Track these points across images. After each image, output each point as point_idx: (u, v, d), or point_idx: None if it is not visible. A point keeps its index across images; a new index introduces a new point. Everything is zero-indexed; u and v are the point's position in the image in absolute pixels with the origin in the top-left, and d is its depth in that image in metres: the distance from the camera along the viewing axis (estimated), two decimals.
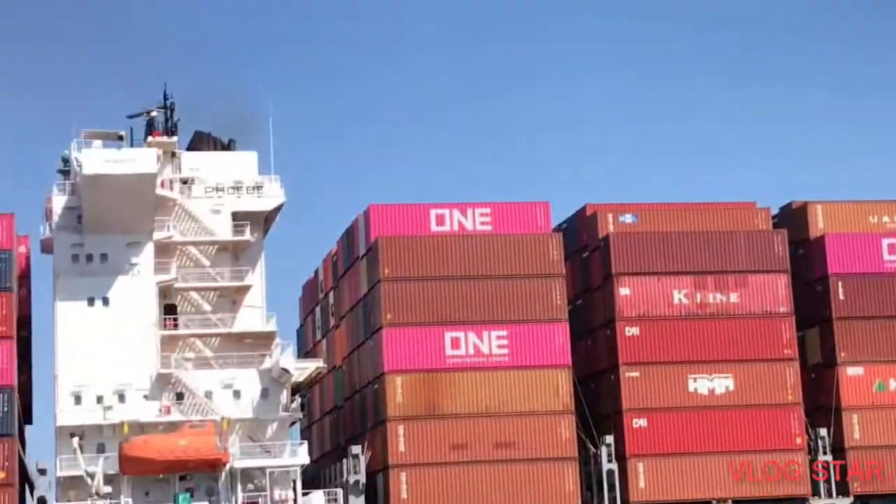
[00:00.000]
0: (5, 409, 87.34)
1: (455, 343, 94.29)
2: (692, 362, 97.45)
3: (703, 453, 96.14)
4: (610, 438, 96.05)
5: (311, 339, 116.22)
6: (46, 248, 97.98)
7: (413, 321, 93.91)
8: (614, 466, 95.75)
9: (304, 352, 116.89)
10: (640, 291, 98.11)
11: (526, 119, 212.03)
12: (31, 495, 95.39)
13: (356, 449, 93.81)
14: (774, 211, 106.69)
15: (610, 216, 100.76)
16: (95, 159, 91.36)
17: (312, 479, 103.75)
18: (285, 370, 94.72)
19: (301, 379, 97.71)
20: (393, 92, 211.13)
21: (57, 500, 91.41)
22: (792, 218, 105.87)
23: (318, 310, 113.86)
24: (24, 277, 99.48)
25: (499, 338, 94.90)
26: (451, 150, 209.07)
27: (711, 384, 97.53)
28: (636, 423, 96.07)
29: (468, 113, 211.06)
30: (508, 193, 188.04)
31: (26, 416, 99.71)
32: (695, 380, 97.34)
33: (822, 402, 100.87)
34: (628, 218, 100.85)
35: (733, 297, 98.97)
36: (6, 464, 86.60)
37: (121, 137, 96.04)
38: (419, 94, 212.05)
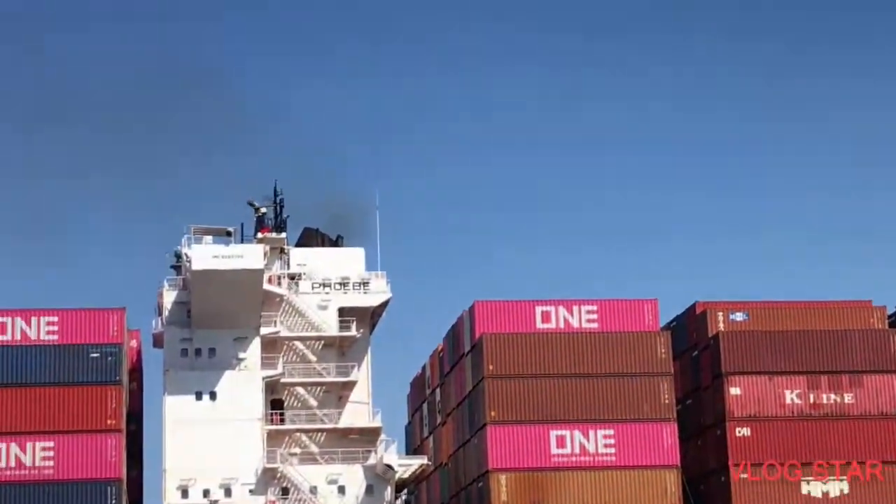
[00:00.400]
0: (113, 501, 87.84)
1: (560, 441, 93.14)
2: (805, 464, 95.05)
3: None
4: None
5: (419, 435, 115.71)
6: (158, 342, 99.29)
7: (518, 419, 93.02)
8: None
9: (412, 448, 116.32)
10: (751, 391, 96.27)
11: (634, 215, 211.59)
12: None
13: None
14: (891, 310, 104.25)
15: (720, 314, 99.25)
16: (204, 255, 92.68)
17: None
18: (389, 467, 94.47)
19: (405, 476, 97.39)
20: (499, 186, 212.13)
21: None
22: None
23: (425, 406, 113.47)
24: (135, 371, 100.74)
25: (605, 437, 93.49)
26: (558, 245, 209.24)
27: (825, 487, 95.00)
28: None
29: (575, 207, 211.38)
30: (616, 290, 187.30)
31: None
32: (808, 482, 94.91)
33: None
34: (739, 316, 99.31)
35: (848, 398, 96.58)
36: None
37: (229, 233, 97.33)
38: (526, 188, 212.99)
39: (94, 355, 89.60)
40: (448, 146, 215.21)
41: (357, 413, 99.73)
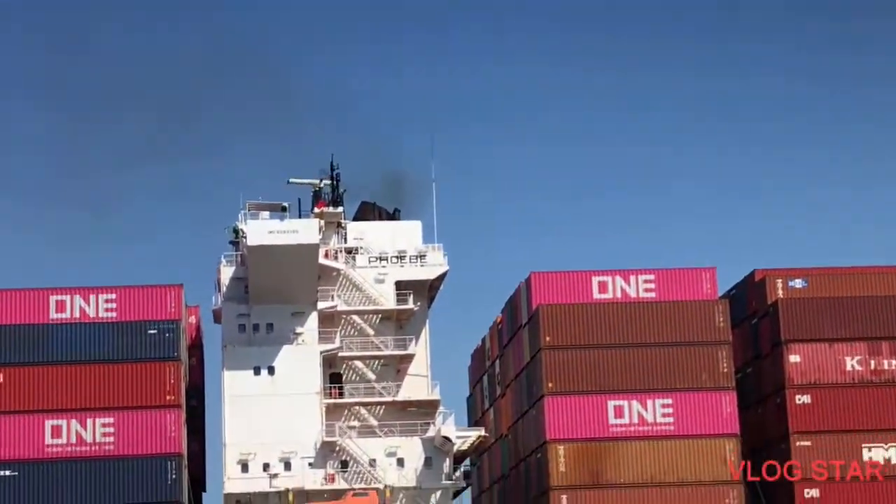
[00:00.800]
0: (173, 476, 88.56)
1: (618, 412, 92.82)
2: (866, 431, 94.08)
3: None
4: None
5: (480, 407, 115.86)
6: (217, 318, 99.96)
7: (575, 389, 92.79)
8: None
9: (474, 420, 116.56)
10: (810, 358, 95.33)
11: (690, 183, 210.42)
12: None
13: None
14: None
15: (779, 281, 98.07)
16: (260, 231, 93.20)
17: None
18: (447, 439, 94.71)
19: (464, 447, 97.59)
20: (553, 158, 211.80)
21: None
22: None
23: (485, 378, 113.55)
24: (195, 347, 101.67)
25: (664, 406, 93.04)
26: (616, 214, 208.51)
27: (887, 454, 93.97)
28: (808, 494, 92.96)
29: (631, 177, 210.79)
30: (674, 260, 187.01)
31: (199, 484, 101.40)
32: (869, 449, 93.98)
33: None
34: (798, 283, 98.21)
35: None
36: None
37: (284, 209, 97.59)
38: (581, 158, 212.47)
39: (152, 332, 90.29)
40: (502, 120, 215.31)
41: (416, 386, 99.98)
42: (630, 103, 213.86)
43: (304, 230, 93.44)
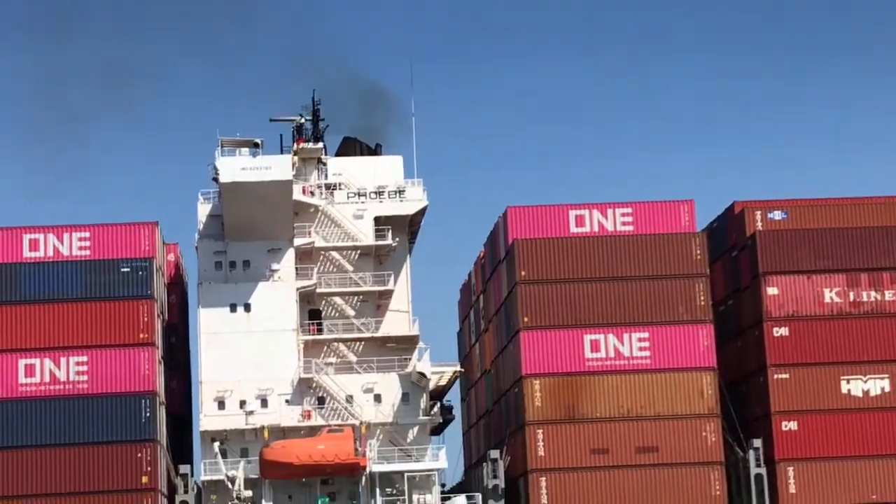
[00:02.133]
0: (147, 414, 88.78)
1: (595, 346, 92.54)
2: (845, 363, 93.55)
3: (857, 457, 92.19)
4: (758, 442, 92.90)
5: (468, 342, 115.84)
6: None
7: (551, 324, 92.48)
8: (763, 471, 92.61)
9: (463, 355, 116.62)
10: (789, 291, 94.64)
11: (671, 115, 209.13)
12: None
13: (494, 453, 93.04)
14: None
15: (758, 213, 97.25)
16: (232, 167, 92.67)
17: (468, 482, 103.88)
18: (422, 374, 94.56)
19: (442, 383, 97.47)
20: (533, 88, 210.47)
21: None
22: None
23: (471, 313, 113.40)
24: (174, 285, 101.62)
25: (640, 340, 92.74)
26: (596, 148, 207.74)
27: (866, 385, 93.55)
28: (786, 427, 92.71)
29: (612, 110, 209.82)
30: (655, 194, 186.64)
31: (184, 422, 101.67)
32: (848, 381, 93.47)
33: None
34: (777, 215, 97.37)
35: (889, 295, 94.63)
36: (149, 469, 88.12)
37: (256, 145, 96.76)
38: (561, 92, 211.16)
39: (125, 270, 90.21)
40: (486, 53, 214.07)
41: (397, 322, 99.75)
42: (608, 38, 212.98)
43: (276, 166, 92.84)
